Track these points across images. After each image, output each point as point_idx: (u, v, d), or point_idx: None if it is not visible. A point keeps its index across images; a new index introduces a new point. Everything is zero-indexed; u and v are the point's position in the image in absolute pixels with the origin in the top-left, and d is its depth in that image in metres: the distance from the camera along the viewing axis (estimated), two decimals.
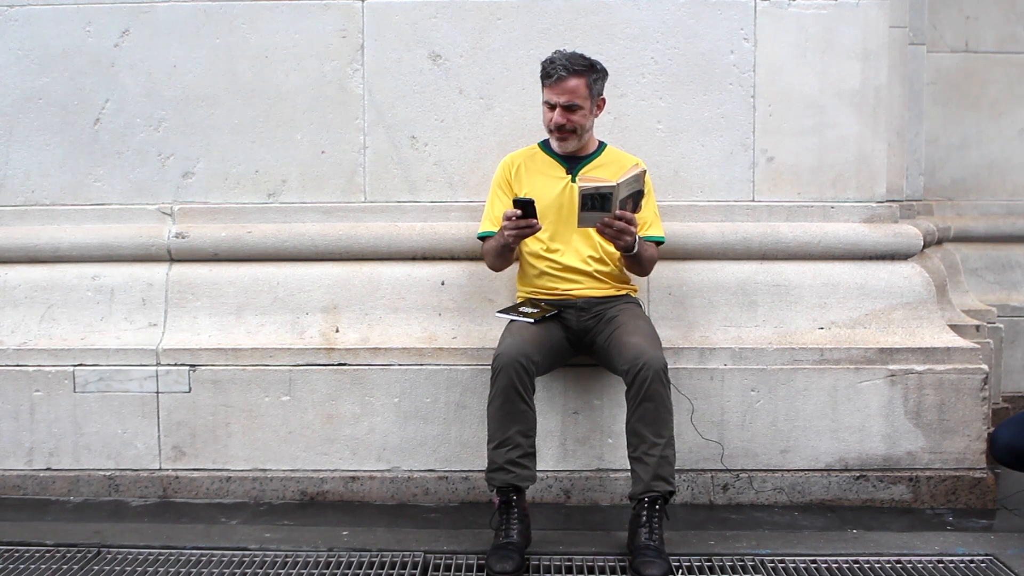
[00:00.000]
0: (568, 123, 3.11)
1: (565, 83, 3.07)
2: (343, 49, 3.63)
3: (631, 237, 2.96)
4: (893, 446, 3.42)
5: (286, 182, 3.67)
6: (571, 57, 3.10)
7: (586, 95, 3.10)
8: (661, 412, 2.88)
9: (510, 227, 2.98)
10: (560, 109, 3.10)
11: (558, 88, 3.08)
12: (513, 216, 2.96)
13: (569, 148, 3.19)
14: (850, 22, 3.60)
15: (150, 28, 3.64)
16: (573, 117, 3.11)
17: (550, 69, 3.09)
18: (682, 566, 2.83)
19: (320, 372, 3.46)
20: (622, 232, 2.93)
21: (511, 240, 3.05)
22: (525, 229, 2.99)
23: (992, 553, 2.93)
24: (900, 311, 3.55)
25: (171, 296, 3.60)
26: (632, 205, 2.96)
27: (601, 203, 2.85)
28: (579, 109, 3.10)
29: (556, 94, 3.09)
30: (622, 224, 2.91)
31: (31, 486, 3.51)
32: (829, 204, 3.65)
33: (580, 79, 3.08)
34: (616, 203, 2.85)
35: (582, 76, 3.08)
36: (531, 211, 2.96)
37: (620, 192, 2.85)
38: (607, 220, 2.89)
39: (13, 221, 3.70)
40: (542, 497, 3.39)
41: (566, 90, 3.08)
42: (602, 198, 2.84)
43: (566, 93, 3.08)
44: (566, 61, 3.08)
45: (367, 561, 2.87)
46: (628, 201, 2.92)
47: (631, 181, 2.90)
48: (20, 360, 3.52)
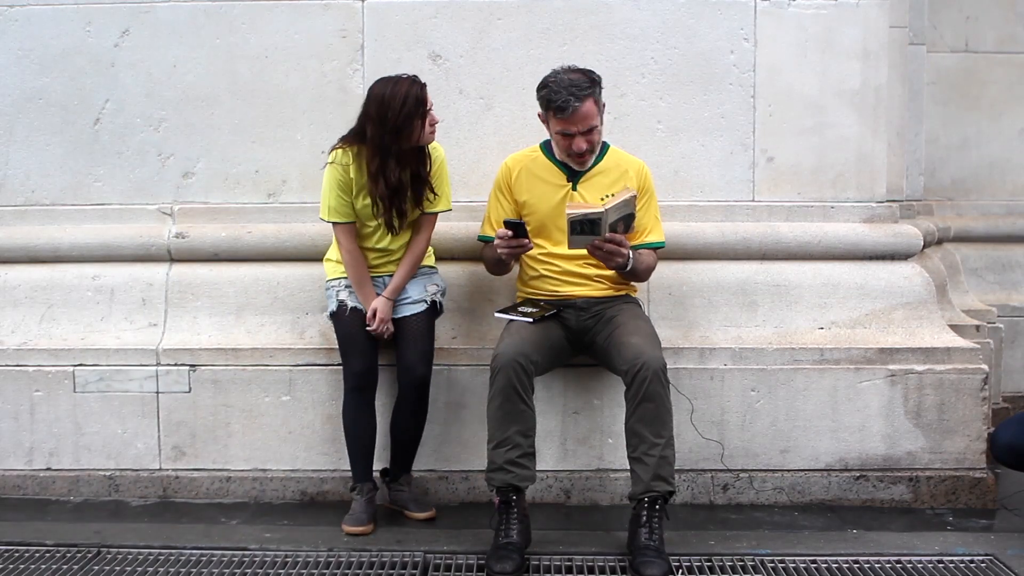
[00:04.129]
0: (590, 145, 3.08)
1: (579, 112, 3.00)
2: (343, 49, 3.63)
3: (622, 258, 2.98)
4: (893, 446, 3.42)
5: (286, 182, 3.67)
6: (574, 83, 2.99)
7: (596, 112, 3.07)
8: (661, 412, 2.88)
9: (502, 246, 3.01)
10: (580, 136, 3.04)
11: (575, 118, 3.01)
12: (505, 236, 2.98)
13: (589, 164, 3.16)
14: (850, 22, 3.61)
15: (150, 28, 3.65)
16: (592, 138, 3.08)
17: (562, 103, 2.98)
18: (682, 566, 2.83)
19: (320, 372, 3.46)
20: (612, 254, 2.95)
21: (504, 257, 3.07)
22: (517, 248, 3.01)
23: (992, 553, 2.93)
24: (900, 311, 3.55)
25: (171, 296, 3.60)
26: (623, 227, 2.96)
27: (591, 227, 2.86)
28: (595, 128, 3.08)
29: (573, 124, 3.02)
30: (612, 247, 2.93)
31: (31, 486, 3.51)
32: (829, 204, 3.65)
33: (590, 101, 3.02)
34: (605, 227, 2.86)
35: (590, 97, 3.02)
36: (522, 232, 2.99)
37: (609, 217, 2.86)
38: (597, 243, 2.91)
39: (13, 221, 3.71)
40: (542, 497, 3.39)
41: (581, 118, 3.01)
42: (591, 223, 2.85)
43: (582, 120, 3.02)
44: (573, 88, 2.98)
45: (367, 561, 2.87)
46: (619, 224, 2.93)
47: (620, 206, 2.90)
48: (20, 360, 3.52)
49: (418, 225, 3.23)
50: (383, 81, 3.08)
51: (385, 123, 3.01)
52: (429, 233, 3.26)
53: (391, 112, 3.00)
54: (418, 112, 3.03)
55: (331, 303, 3.25)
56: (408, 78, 3.07)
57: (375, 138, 3.03)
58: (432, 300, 3.25)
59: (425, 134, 3.08)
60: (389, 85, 3.05)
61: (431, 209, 3.21)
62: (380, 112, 3.01)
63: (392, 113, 3.00)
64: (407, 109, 3.00)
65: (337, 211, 3.16)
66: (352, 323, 3.17)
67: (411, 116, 3.01)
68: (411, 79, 3.07)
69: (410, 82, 3.05)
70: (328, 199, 3.16)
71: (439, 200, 3.20)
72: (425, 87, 3.08)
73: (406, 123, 3.01)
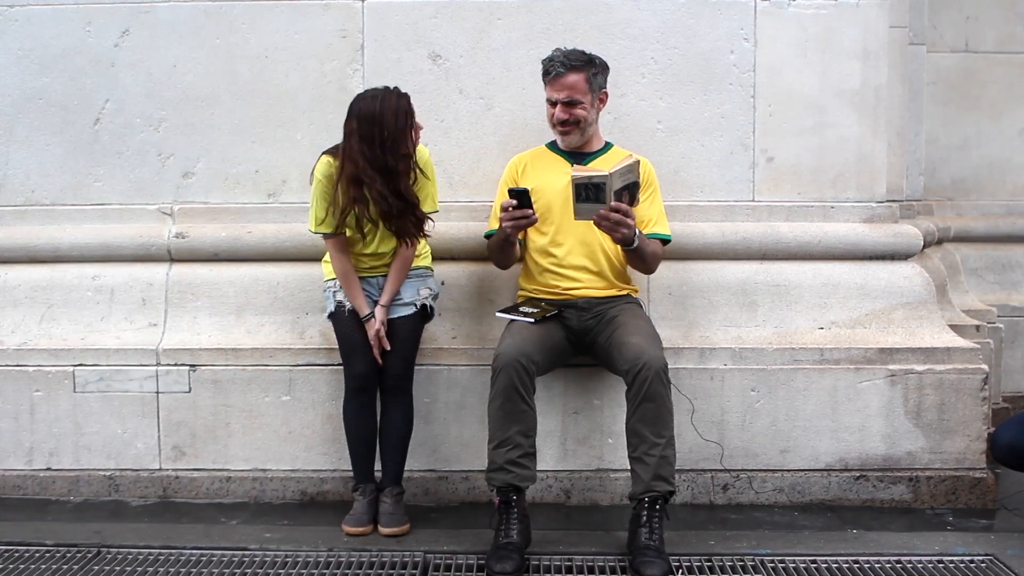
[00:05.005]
0: (571, 117, 3.15)
1: (564, 79, 3.12)
2: (343, 49, 3.63)
3: (628, 230, 2.96)
4: (893, 446, 3.42)
5: (286, 182, 3.67)
6: (569, 53, 3.15)
7: (586, 89, 3.14)
8: (661, 412, 2.88)
9: (506, 217, 3.01)
10: (561, 105, 3.15)
11: (558, 84, 3.13)
12: (509, 207, 2.98)
13: (573, 142, 3.22)
14: (850, 22, 3.61)
15: (150, 28, 3.65)
16: (574, 111, 3.15)
17: (549, 67, 3.15)
18: (682, 566, 2.83)
19: (320, 372, 3.46)
20: (618, 224, 2.93)
21: (509, 230, 3.06)
22: (521, 220, 3.01)
23: (992, 553, 2.93)
24: (900, 311, 3.55)
25: (171, 296, 3.60)
26: (629, 198, 2.96)
27: (596, 194, 2.85)
28: (579, 103, 3.15)
29: (556, 90, 3.15)
30: (618, 216, 2.92)
31: (31, 486, 3.51)
32: (829, 204, 3.65)
33: (579, 74, 3.12)
34: (611, 194, 2.85)
35: (581, 71, 3.13)
36: (526, 201, 2.97)
37: (613, 182, 2.85)
38: (603, 212, 2.90)
39: (13, 221, 3.71)
40: (542, 497, 3.39)
41: (565, 86, 3.13)
42: (596, 188, 2.84)
43: (565, 89, 3.13)
44: (564, 58, 3.13)
45: (367, 561, 2.87)
46: (624, 194, 2.92)
47: (624, 171, 2.90)
48: (20, 360, 3.52)
49: None
50: (369, 99, 3.03)
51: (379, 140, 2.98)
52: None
53: (386, 129, 2.98)
54: (408, 123, 3.03)
55: (329, 304, 3.25)
56: (393, 91, 3.04)
57: (372, 157, 2.99)
58: (422, 304, 3.24)
59: (414, 142, 3.08)
60: (376, 102, 3.00)
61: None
62: (371, 130, 2.98)
63: (388, 130, 2.98)
64: (400, 123, 2.99)
65: (325, 223, 3.15)
66: (350, 324, 3.17)
67: (404, 129, 3.01)
68: (396, 92, 3.04)
69: (396, 96, 3.03)
70: (315, 210, 3.16)
71: (425, 201, 3.17)
72: (409, 97, 3.06)
73: (401, 137, 3.00)
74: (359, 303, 3.17)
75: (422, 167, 3.14)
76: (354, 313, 3.18)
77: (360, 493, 3.14)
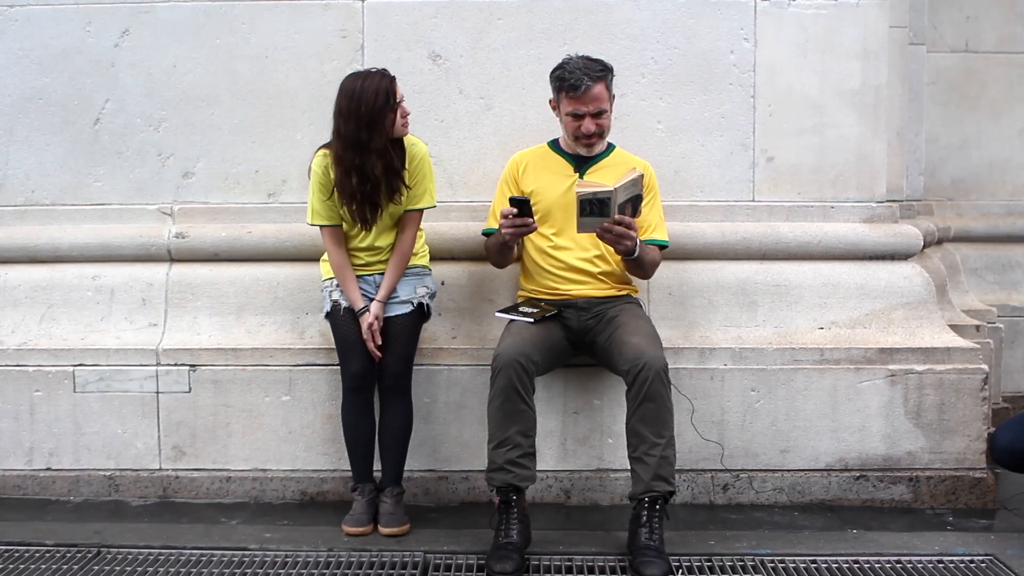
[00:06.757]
0: (598, 128, 3.13)
1: (591, 92, 3.07)
2: (343, 49, 3.63)
3: (631, 242, 2.97)
4: (893, 446, 3.42)
5: (286, 182, 3.67)
6: (588, 64, 3.10)
7: (607, 97, 3.14)
8: (661, 412, 2.88)
9: (506, 225, 3.01)
10: (590, 117, 3.11)
11: (586, 98, 3.08)
12: (509, 214, 2.98)
13: (597, 150, 3.21)
14: (850, 22, 3.61)
15: (150, 28, 3.65)
16: (601, 122, 3.14)
17: (575, 81, 3.06)
18: (682, 566, 2.83)
19: (320, 372, 3.46)
20: (622, 237, 2.94)
21: (508, 238, 3.06)
22: (521, 228, 3.01)
23: (992, 553, 2.93)
24: (900, 311, 3.55)
25: (171, 296, 3.60)
26: (631, 210, 2.97)
27: (600, 208, 2.86)
28: (605, 113, 3.13)
29: (583, 104, 3.09)
30: (621, 229, 2.92)
31: (31, 486, 3.51)
32: (829, 204, 3.65)
33: (601, 84, 3.10)
34: (615, 208, 2.86)
35: (602, 81, 3.10)
36: (527, 210, 2.98)
37: (618, 197, 2.86)
38: (606, 225, 2.90)
39: (13, 221, 3.71)
40: (542, 497, 3.40)
41: (592, 98, 3.09)
42: (600, 203, 2.85)
43: (593, 101, 3.09)
44: (586, 69, 3.08)
45: (367, 561, 2.87)
46: (627, 206, 2.93)
47: (629, 185, 2.91)
48: (20, 360, 3.52)
49: (402, 223, 3.21)
50: (352, 76, 3.08)
51: (358, 118, 3.00)
52: (414, 231, 3.22)
53: (364, 106, 2.99)
54: (389, 104, 3.03)
55: (326, 303, 3.25)
56: (378, 72, 3.07)
57: (347, 133, 3.02)
58: (420, 302, 3.24)
59: (398, 126, 3.08)
60: (359, 80, 3.04)
61: (414, 205, 3.18)
62: (351, 107, 3.01)
63: (365, 107, 2.99)
64: (379, 102, 3.00)
65: (320, 214, 3.16)
66: (347, 324, 3.17)
67: (383, 109, 3.01)
68: (380, 72, 3.07)
69: (380, 76, 3.05)
70: (312, 202, 3.17)
71: (422, 196, 3.17)
72: (395, 80, 3.08)
73: (379, 116, 3.01)
74: (354, 297, 3.16)
75: (417, 161, 3.15)
76: (350, 311, 3.17)
77: (359, 493, 3.15)
